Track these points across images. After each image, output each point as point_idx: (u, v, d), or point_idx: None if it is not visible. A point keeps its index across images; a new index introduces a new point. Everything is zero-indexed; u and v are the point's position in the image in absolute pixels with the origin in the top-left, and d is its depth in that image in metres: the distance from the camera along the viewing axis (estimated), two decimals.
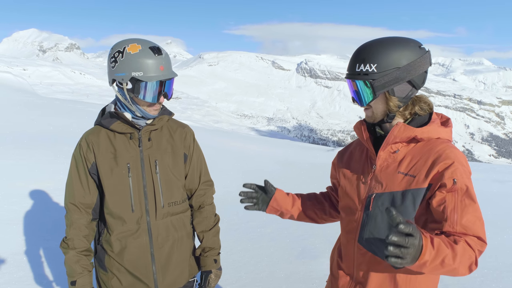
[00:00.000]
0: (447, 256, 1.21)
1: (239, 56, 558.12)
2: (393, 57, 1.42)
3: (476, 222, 1.34)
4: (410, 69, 1.43)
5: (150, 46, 1.77)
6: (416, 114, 1.53)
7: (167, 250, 1.95)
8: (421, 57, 1.45)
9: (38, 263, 3.81)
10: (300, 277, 3.96)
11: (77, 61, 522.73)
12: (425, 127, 1.48)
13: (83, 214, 1.89)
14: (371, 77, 1.43)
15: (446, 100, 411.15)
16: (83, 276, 1.86)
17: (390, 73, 1.42)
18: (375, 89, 1.44)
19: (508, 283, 3.99)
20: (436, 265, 1.21)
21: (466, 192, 1.37)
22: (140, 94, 1.77)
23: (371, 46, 1.46)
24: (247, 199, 1.91)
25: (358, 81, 1.46)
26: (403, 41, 1.46)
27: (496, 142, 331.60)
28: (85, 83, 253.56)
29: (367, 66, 1.43)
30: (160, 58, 1.77)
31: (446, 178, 1.38)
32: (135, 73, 1.73)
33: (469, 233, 1.33)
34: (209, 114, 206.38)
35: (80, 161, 1.88)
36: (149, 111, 1.85)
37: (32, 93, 18.72)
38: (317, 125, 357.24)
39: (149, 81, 1.74)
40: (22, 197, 5.14)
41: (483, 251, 1.33)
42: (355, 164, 1.69)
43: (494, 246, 4.97)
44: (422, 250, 1.15)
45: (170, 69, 1.83)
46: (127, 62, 1.73)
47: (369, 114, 1.54)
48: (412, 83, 1.46)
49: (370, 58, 1.43)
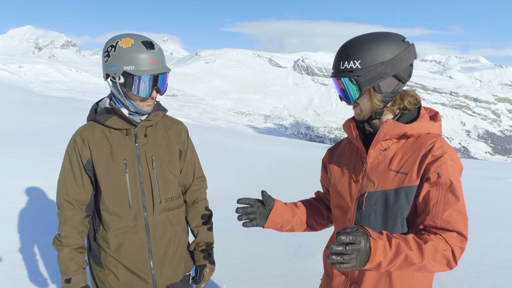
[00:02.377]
0: (410, 254, 1.24)
1: (236, 53, 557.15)
2: (377, 52, 1.41)
3: (457, 217, 1.33)
4: (394, 63, 1.42)
5: (142, 40, 1.76)
6: (405, 109, 1.52)
7: (164, 245, 1.96)
8: (405, 51, 1.44)
9: (33, 261, 3.80)
10: (297, 274, 3.96)
11: (73, 59, 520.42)
12: (415, 123, 1.47)
13: (77, 211, 1.87)
14: (355, 73, 1.42)
15: (443, 98, 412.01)
16: (78, 273, 1.85)
17: (375, 68, 1.41)
18: (361, 85, 1.42)
19: (503, 280, 4.01)
20: (399, 263, 1.25)
21: (450, 187, 1.36)
22: (132, 89, 1.76)
23: (354, 42, 1.45)
24: (244, 216, 1.72)
25: (343, 78, 1.45)
26: (386, 35, 1.46)
27: (492, 139, 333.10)
28: (81, 81, 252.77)
29: (351, 63, 1.42)
30: (152, 53, 1.75)
31: (431, 172, 1.38)
32: (127, 67, 1.72)
33: (449, 228, 1.33)
34: (206, 111, 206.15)
35: (75, 157, 1.86)
36: (142, 106, 1.84)
37: (27, 90, 18.65)
38: (314, 123, 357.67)
39: (141, 75, 1.73)
40: (17, 195, 5.12)
41: (463, 247, 1.32)
42: (345, 163, 1.67)
43: (489, 242, 5.00)
44: (371, 253, 1.20)
45: (163, 64, 1.81)
46: (120, 56, 1.73)
47: (358, 112, 1.53)
48: (398, 77, 1.45)
49: (354, 55, 1.42)
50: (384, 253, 1.23)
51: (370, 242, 1.21)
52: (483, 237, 5.16)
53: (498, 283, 3.94)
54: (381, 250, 1.22)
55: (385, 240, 1.25)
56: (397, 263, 1.25)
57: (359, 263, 1.20)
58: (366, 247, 1.20)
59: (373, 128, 1.56)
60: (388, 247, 1.24)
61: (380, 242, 1.23)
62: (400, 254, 1.25)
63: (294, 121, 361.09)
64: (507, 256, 4.57)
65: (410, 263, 1.27)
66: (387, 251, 1.23)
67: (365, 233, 1.22)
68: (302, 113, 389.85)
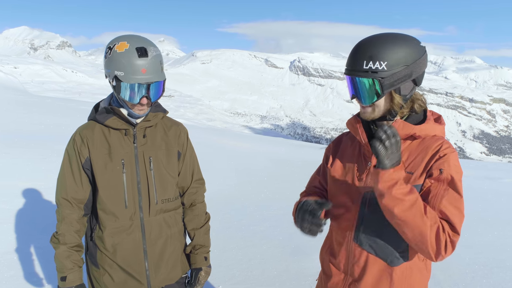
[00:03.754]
0: (419, 201, 1.31)
1: (233, 54, 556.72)
2: (402, 54, 1.38)
3: (453, 211, 1.35)
4: (416, 67, 1.41)
5: (137, 46, 1.72)
6: (412, 111, 1.52)
7: (160, 246, 1.96)
8: (424, 55, 1.44)
9: (29, 262, 3.78)
10: (293, 274, 3.97)
11: (69, 59, 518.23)
12: (423, 125, 1.47)
13: (74, 209, 1.88)
14: (380, 75, 1.38)
15: (438, 98, 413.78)
16: (74, 271, 1.86)
17: (399, 71, 1.39)
18: (384, 87, 1.39)
19: (498, 279, 4.03)
20: (409, 201, 1.30)
21: (450, 182, 1.37)
22: (120, 93, 1.75)
23: (378, 42, 1.40)
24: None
25: (363, 78, 1.40)
26: (406, 38, 1.43)
27: (487, 139, 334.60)
28: (77, 81, 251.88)
29: (376, 64, 1.37)
30: (143, 60, 1.71)
31: (434, 169, 1.40)
32: (117, 72, 1.71)
33: (444, 217, 1.34)
34: (202, 112, 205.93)
35: (74, 155, 1.87)
36: (134, 110, 1.83)
37: (23, 91, 18.58)
38: (310, 123, 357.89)
39: (128, 82, 1.71)
40: (13, 195, 5.10)
41: (454, 240, 1.33)
42: (348, 161, 1.66)
43: (484, 242, 5.03)
44: (399, 165, 1.32)
45: (156, 72, 1.76)
46: (113, 60, 1.72)
47: (369, 111, 1.49)
48: (415, 81, 1.45)
49: (379, 55, 1.37)
50: (402, 172, 1.33)
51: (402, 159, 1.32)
52: (478, 237, 5.19)
53: (493, 283, 3.96)
54: (402, 171, 1.33)
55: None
56: (405, 199, 1.30)
57: (392, 158, 1.30)
58: (399, 154, 1.32)
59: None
60: (404, 182, 1.33)
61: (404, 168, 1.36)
62: (413, 193, 1.31)
63: (290, 122, 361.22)
64: (502, 256, 4.60)
65: (415, 211, 1.30)
66: (404, 174, 1.34)
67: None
68: (299, 113, 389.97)
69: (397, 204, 1.30)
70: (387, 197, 1.32)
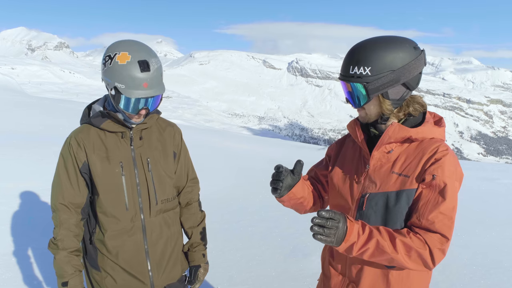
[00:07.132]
0: (380, 241, 1.34)
1: (230, 55, 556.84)
2: (387, 59, 1.39)
3: (443, 219, 1.36)
4: (404, 71, 1.40)
5: (140, 59, 1.70)
6: (410, 115, 1.52)
7: (161, 246, 1.98)
8: (415, 59, 1.42)
9: (26, 263, 3.77)
10: (291, 275, 3.97)
11: (66, 60, 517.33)
12: (420, 128, 1.47)
13: (72, 214, 1.86)
14: (365, 80, 1.40)
15: (436, 99, 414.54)
16: (75, 276, 1.85)
17: (384, 76, 1.39)
18: (369, 92, 1.41)
19: (496, 280, 4.04)
20: (371, 248, 1.34)
21: (442, 189, 1.37)
22: (119, 104, 1.75)
23: (365, 47, 1.42)
24: (273, 182, 1.66)
25: (351, 83, 1.44)
26: (398, 42, 1.42)
27: (484, 140, 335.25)
28: (75, 82, 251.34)
29: (361, 69, 1.40)
30: (146, 74, 1.70)
31: (427, 174, 1.40)
32: (118, 84, 1.70)
33: (433, 229, 1.36)
34: (200, 113, 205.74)
35: (70, 159, 1.85)
36: (131, 118, 1.83)
37: (20, 92, 18.54)
38: (308, 124, 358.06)
39: (129, 96, 1.70)
40: (11, 197, 5.09)
41: (443, 248, 1.35)
42: (348, 163, 1.68)
43: (482, 243, 5.04)
44: (347, 232, 1.33)
45: (157, 85, 1.76)
46: (113, 71, 1.70)
47: (363, 115, 1.53)
48: (406, 85, 1.44)
49: (364, 61, 1.40)
50: (358, 235, 1.34)
51: (347, 223, 1.33)
52: (476, 238, 5.20)
53: (491, 283, 3.96)
54: (355, 232, 1.33)
55: (360, 225, 1.36)
56: (368, 247, 1.34)
57: (336, 240, 1.32)
58: (344, 226, 1.32)
59: (378, 131, 1.56)
60: (361, 231, 1.35)
61: (356, 225, 1.35)
62: (372, 239, 1.34)
63: (288, 123, 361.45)
64: (499, 257, 4.60)
65: (381, 251, 1.33)
66: (360, 234, 1.34)
67: (343, 214, 1.34)
68: (297, 114, 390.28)
69: (362, 254, 1.38)
70: (352, 255, 1.38)
